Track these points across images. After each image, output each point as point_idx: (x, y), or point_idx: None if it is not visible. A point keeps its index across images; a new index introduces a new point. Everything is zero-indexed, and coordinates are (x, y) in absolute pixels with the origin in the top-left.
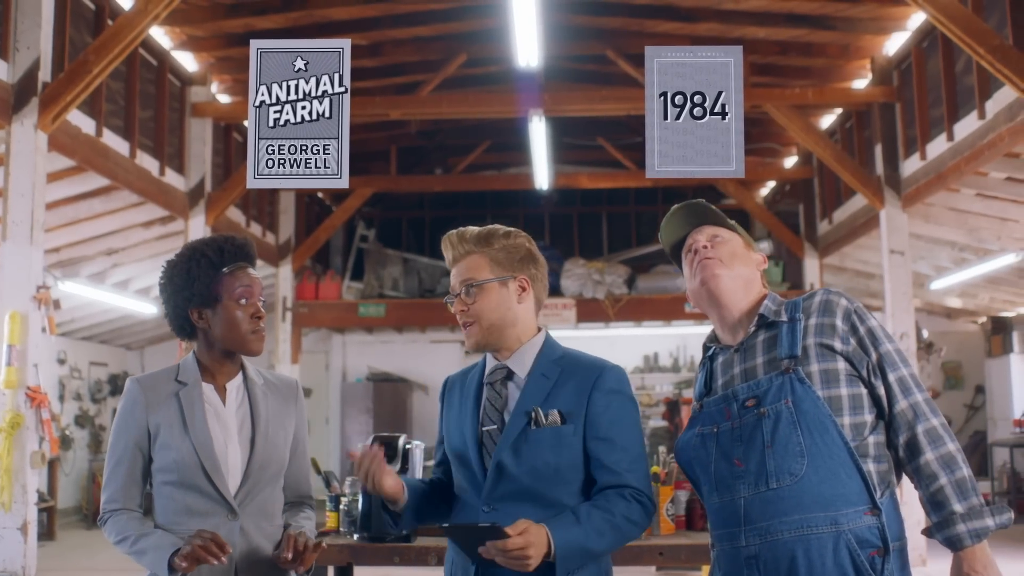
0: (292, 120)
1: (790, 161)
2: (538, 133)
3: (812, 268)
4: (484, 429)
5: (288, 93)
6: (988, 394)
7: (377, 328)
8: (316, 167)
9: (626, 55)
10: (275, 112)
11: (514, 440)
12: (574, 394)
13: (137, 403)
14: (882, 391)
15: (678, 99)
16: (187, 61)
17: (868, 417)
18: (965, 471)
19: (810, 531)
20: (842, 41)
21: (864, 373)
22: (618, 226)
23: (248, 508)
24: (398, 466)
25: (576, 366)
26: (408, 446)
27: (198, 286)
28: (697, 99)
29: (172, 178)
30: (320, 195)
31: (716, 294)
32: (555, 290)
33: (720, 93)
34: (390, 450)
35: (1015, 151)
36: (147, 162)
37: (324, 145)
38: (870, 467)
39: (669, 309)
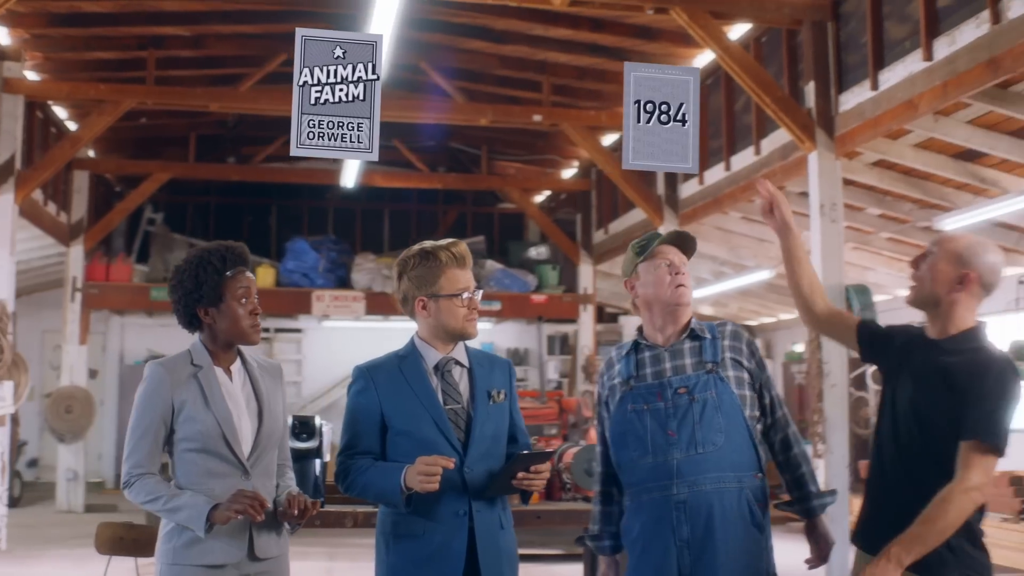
0: (331, 100)
1: (568, 172)
2: None
3: (587, 274)
4: (448, 408)
5: (328, 76)
6: None
7: (158, 311)
8: (351, 141)
9: (438, 67)
10: (316, 92)
11: (483, 413)
12: (502, 379)
13: (163, 383)
14: (767, 401)
15: (648, 106)
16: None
17: (756, 413)
18: (811, 463)
19: (724, 486)
20: None
21: (757, 386)
22: (399, 223)
23: (256, 469)
24: (316, 443)
25: (494, 359)
26: (320, 425)
27: (206, 289)
28: (664, 107)
29: None
30: (108, 176)
31: (681, 312)
32: (345, 283)
33: (681, 104)
34: (307, 428)
35: (782, 185)
36: None
37: (358, 123)
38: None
39: None
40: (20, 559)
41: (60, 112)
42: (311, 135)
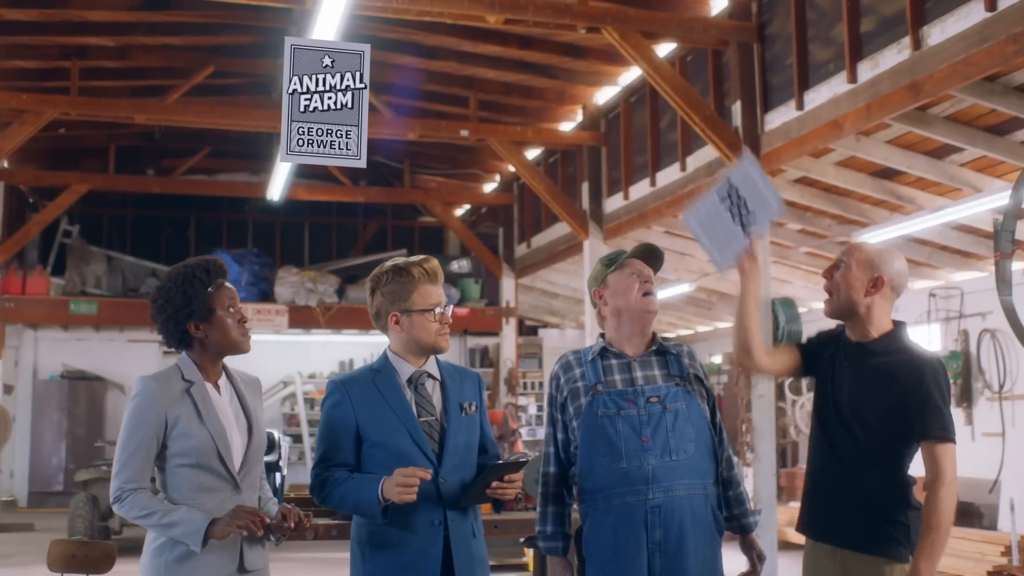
0: (320, 108)
1: (490, 186)
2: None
3: (508, 287)
4: (422, 420)
5: (317, 85)
6: None
7: (72, 324)
8: (339, 148)
9: None
10: (305, 100)
11: (456, 425)
12: (472, 391)
13: (157, 398)
14: (717, 420)
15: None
16: None
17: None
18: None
19: (694, 492)
20: (559, 88)
21: (709, 402)
22: (319, 237)
23: (245, 483)
24: (276, 456)
25: (464, 372)
26: (279, 438)
27: (196, 303)
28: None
29: None
30: (22, 188)
31: (648, 320)
32: (268, 296)
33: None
34: (268, 441)
35: None
36: None
37: (346, 131)
38: None
39: None
40: None
41: None
42: (300, 142)
